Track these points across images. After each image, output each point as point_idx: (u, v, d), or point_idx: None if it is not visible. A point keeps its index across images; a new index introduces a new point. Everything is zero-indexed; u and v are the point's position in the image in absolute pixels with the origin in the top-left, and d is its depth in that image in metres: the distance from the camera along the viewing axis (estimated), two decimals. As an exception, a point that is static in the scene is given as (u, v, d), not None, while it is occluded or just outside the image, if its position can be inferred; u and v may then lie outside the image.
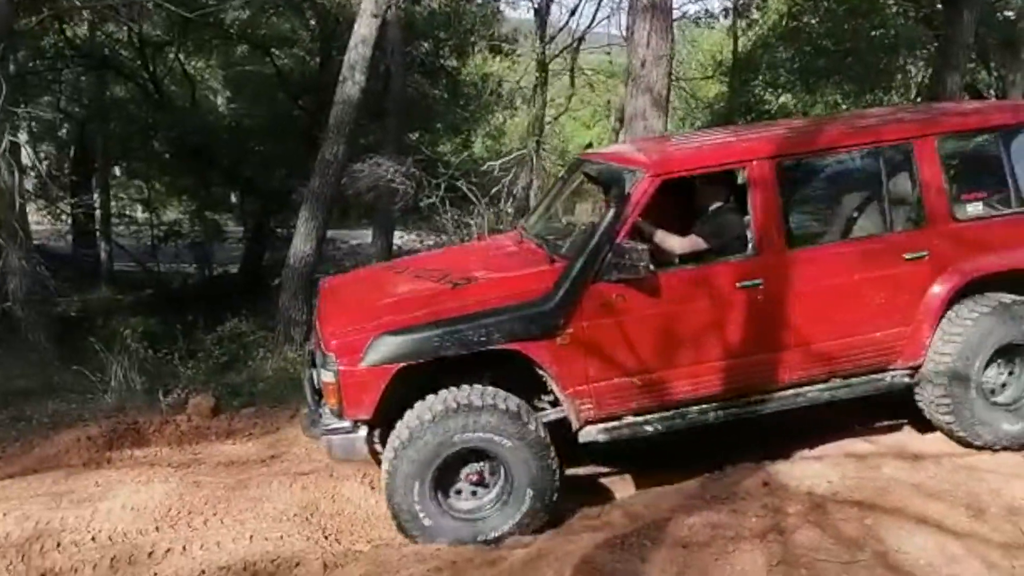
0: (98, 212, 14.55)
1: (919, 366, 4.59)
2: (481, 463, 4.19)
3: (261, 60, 15.66)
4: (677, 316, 4.32)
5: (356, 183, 9.85)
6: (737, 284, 4.35)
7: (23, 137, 9.81)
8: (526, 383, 4.32)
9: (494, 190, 10.88)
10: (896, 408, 4.89)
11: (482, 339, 4.11)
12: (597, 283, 4.23)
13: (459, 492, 4.23)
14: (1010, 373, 4.64)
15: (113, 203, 16.11)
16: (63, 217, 14.13)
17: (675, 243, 4.58)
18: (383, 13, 9.44)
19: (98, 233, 14.89)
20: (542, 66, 15.22)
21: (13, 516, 4.42)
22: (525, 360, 4.21)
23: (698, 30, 16.71)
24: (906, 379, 4.61)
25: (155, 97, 14.48)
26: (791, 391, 4.51)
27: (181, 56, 14.97)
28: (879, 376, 4.61)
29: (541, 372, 4.25)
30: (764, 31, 15.20)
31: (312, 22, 15.15)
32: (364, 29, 9.27)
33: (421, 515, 4.10)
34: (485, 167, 13.47)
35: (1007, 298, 4.55)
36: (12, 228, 7.60)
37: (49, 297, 8.77)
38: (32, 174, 11.02)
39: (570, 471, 4.59)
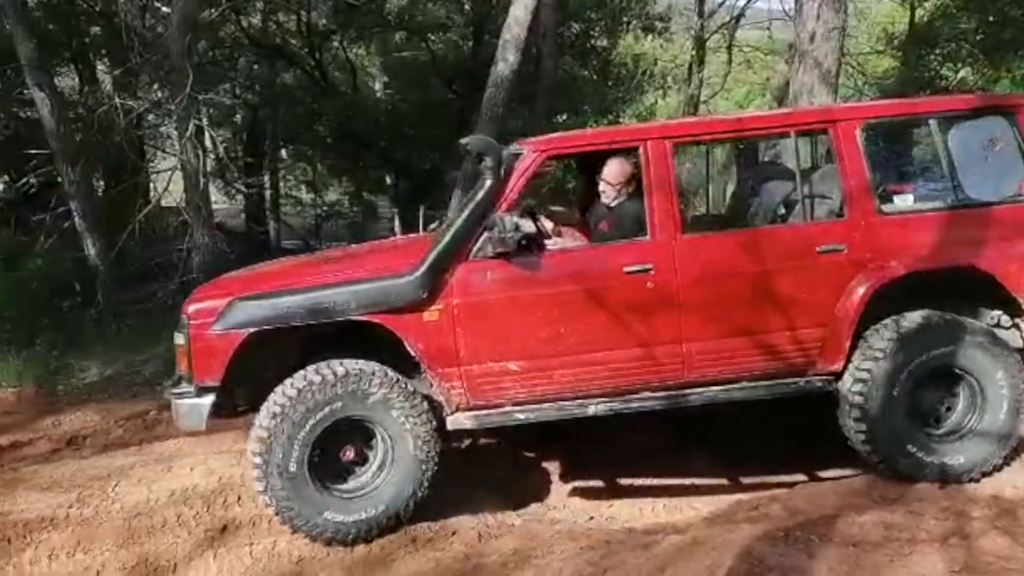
0: (268, 192, 15.50)
1: (838, 373, 4.15)
2: (354, 441, 4.07)
3: (417, 46, 16.11)
4: (558, 300, 4.05)
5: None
6: (625, 269, 4.04)
7: (203, 122, 10.59)
8: (411, 366, 4.13)
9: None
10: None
11: (339, 308, 3.94)
12: (473, 260, 4.02)
13: (343, 474, 4.10)
14: (948, 408, 4.17)
15: (281, 184, 17.14)
16: (237, 197, 15.15)
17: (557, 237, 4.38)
18: (539, -6, 9.45)
19: (267, 212, 15.87)
20: (700, 43, 14.72)
21: (199, 470, 4.82)
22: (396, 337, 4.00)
23: (869, 0, 15.63)
24: (822, 386, 4.18)
25: (320, 84, 15.21)
26: (686, 389, 4.15)
27: (344, 44, 15.62)
28: (793, 380, 4.18)
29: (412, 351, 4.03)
30: (945, 0, 14.03)
31: (467, 7, 15.41)
32: (519, 11, 9.30)
33: (297, 493, 3.92)
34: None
35: (942, 316, 4.08)
36: (197, 207, 8.23)
37: (229, 271, 9.39)
38: (212, 157, 11.85)
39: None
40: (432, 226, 5.02)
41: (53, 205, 8.67)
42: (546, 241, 4.35)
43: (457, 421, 4.13)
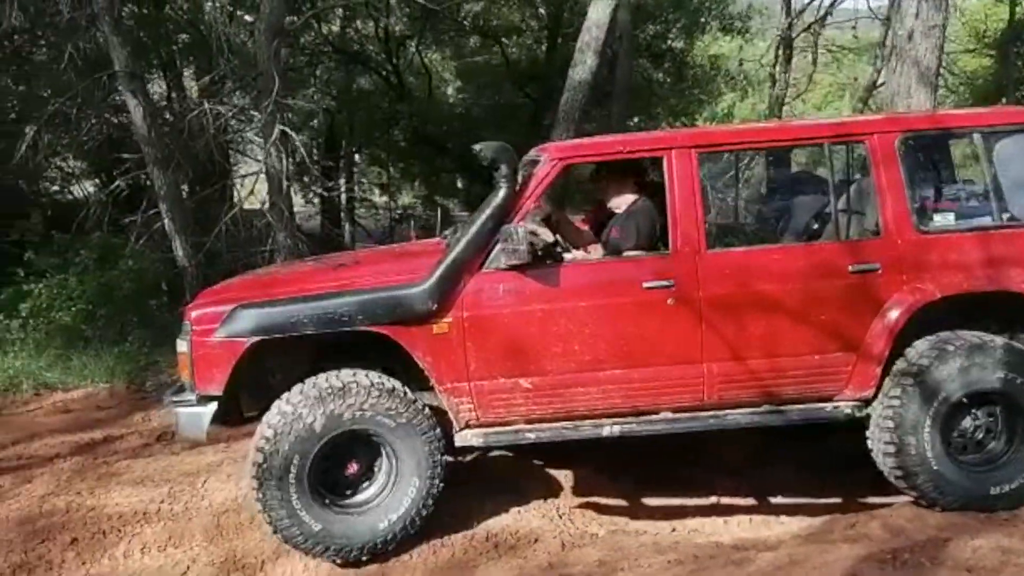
0: (343, 196, 15.78)
1: (869, 399, 3.92)
2: (359, 456, 3.94)
3: (490, 50, 16.20)
4: (573, 315, 3.88)
5: (580, 168, 9.87)
6: (644, 284, 3.87)
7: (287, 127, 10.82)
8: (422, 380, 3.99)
9: (727, 176, 10.46)
10: None
11: (343, 318, 3.80)
12: (485, 271, 3.89)
13: (348, 490, 3.96)
14: (988, 430, 3.92)
15: (356, 188, 17.44)
16: (314, 200, 15.48)
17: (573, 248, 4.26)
18: (618, -3, 9.35)
19: (343, 215, 16.17)
20: (787, 43, 14.32)
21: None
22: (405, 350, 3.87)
23: (957, -3, 15.02)
24: (852, 412, 3.96)
25: (396, 88, 15.43)
26: (707, 412, 3.97)
27: (420, 49, 15.81)
28: (820, 406, 3.99)
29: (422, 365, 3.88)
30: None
31: (541, 10, 15.42)
32: (597, 13, 9.22)
33: (303, 515, 3.78)
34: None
35: (979, 336, 3.84)
36: (280, 210, 8.40)
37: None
38: (293, 160, 12.13)
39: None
40: (447, 231, 4.92)
41: (144, 208, 8.97)
42: (563, 253, 4.24)
43: (465, 438, 3.99)
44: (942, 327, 4.01)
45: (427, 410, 3.96)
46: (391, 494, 3.92)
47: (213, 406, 3.91)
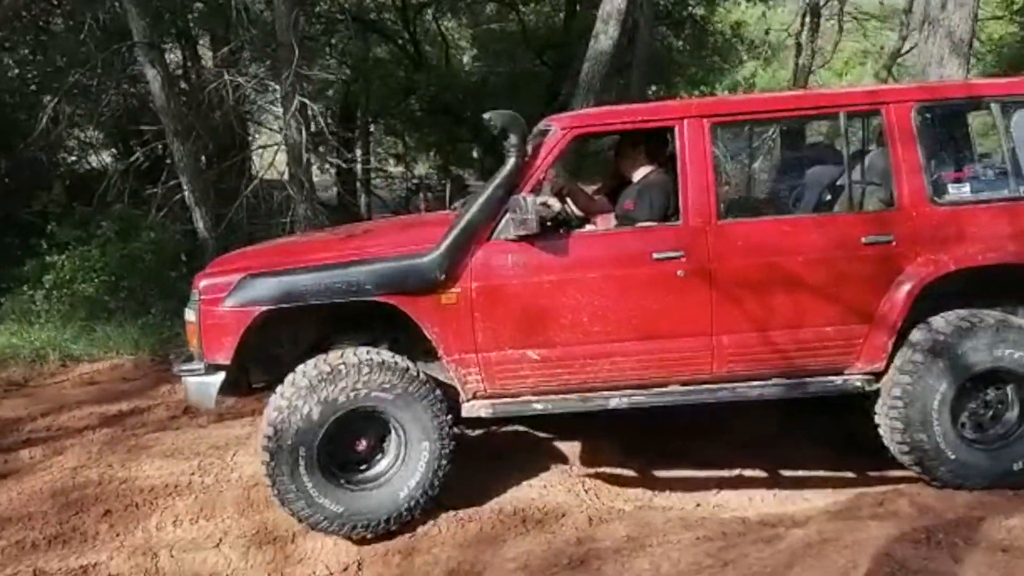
0: (359, 166, 15.70)
1: (880, 372, 3.89)
2: (368, 433, 3.95)
3: (507, 18, 15.96)
4: (582, 286, 3.87)
5: (599, 139, 9.76)
6: (654, 255, 3.84)
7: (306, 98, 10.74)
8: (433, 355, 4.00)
9: (742, 148, 10.33)
10: None
11: (352, 288, 3.81)
12: (494, 242, 3.87)
13: (358, 465, 3.98)
14: (999, 402, 3.89)
15: (371, 158, 17.35)
16: (331, 171, 15.41)
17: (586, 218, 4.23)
18: (640, -37, 9.17)
19: (359, 185, 16.10)
20: (814, 11, 14.06)
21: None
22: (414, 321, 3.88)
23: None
24: (861, 385, 3.94)
25: (412, 57, 15.26)
26: (716, 384, 3.97)
27: (436, 16, 15.60)
28: (830, 379, 3.97)
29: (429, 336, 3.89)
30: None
31: (560, -24, 15.16)
32: (620, -20, 9.04)
33: (322, 500, 3.82)
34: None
35: (993, 315, 3.80)
36: (299, 181, 8.39)
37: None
38: (312, 131, 12.06)
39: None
40: (456, 204, 4.89)
41: (163, 179, 8.97)
42: (574, 224, 4.22)
43: (473, 409, 4.00)
44: (957, 302, 3.98)
45: (422, 375, 3.97)
46: (405, 462, 3.95)
47: (221, 375, 3.93)
